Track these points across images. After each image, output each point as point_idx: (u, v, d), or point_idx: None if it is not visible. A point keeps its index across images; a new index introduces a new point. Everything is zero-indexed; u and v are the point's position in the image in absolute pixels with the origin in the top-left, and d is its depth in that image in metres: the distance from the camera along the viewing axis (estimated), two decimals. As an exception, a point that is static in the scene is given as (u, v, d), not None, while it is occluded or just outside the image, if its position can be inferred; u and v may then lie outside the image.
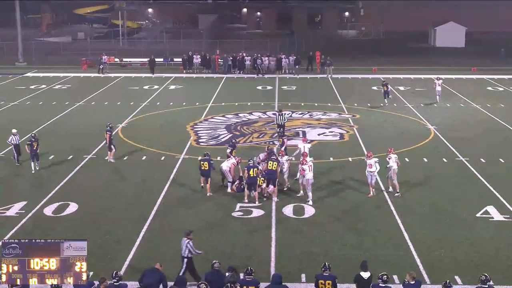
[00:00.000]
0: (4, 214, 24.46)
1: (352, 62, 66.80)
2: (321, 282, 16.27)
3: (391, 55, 75.61)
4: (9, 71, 64.05)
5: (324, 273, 16.35)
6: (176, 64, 66.37)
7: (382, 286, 15.93)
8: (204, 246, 21.30)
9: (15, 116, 42.35)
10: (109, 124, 32.26)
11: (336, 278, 16.34)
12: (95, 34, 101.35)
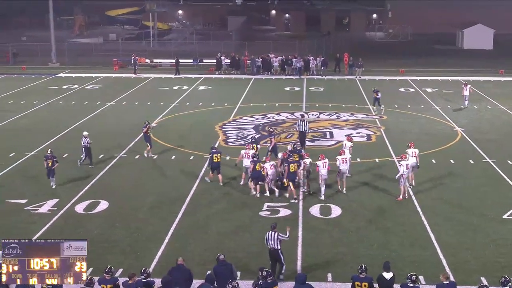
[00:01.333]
0: (36, 211, 24.71)
1: (380, 64, 66.42)
2: (357, 284, 16.19)
3: (419, 57, 75.10)
4: (42, 71, 64.71)
5: (361, 274, 16.25)
6: (206, 65, 66.55)
7: (411, 286, 15.81)
8: (232, 245, 21.38)
9: (48, 115, 42.79)
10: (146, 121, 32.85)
11: (372, 280, 16.25)
12: (126, 35, 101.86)
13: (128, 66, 65.11)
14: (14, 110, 44.31)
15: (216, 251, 20.45)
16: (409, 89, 53.28)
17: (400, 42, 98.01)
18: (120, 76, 61.42)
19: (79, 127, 38.86)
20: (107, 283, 15.98)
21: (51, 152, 27.69)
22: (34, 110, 44.73)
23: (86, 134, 30.66)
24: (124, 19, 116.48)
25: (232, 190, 27.08)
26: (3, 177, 29.06)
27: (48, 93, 51.65)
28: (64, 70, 65.97)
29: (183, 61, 68.09)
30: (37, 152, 33.02)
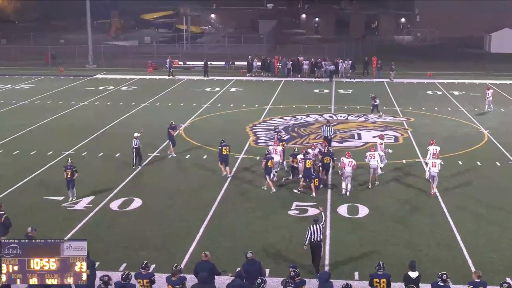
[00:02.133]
0: (73, 207, 24.95)
1: (408, 67, 65.94)
2: (375, 281, 16.11)
3: (446, 60, 74.45)
4: (79, 73, 65.35)
5: (378, 271, 16.19)
6: (237, 67, 66.68)
7: (441, 285, 15.68)
8: (261, 243, 21.38)
9: (85, 115, 43.17)
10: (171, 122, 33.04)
11: (390, 277, 16.17)
12: (160, 38, 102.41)
13: (163, 68, 65.47)
14: (52, 110, 44.81)
15: (245, 248, 20.47)
16: (436, 92, 52.86)
17: (428, 45, 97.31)
18: (154, 78, 61.76)
19: (114, 127, 39.21)
20: (143, 278, 16.06)
21: (71, 162, 25.96)
22: (71, 110, 45.18)
23: (136, 136, 30.30)
24: (158, 22, 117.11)
25: (262, 189, 27.07)
26: (41, 175, 29.40)
27: (85, 94, 52.14)
28: (100, 71, 66.54)
29: (215, 63, 68.46)
30: (73, 151, 33.36)
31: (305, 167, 26.36)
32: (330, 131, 32.82)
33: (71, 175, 25.49)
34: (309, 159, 26.61)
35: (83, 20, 76.53)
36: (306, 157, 26.76)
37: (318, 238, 19.09)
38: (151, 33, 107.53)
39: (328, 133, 32.57)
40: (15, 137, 36.71)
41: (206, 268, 16.68)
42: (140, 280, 16.01)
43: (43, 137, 36.67)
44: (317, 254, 19.29)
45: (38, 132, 38.32)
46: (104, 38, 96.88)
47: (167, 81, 59.14)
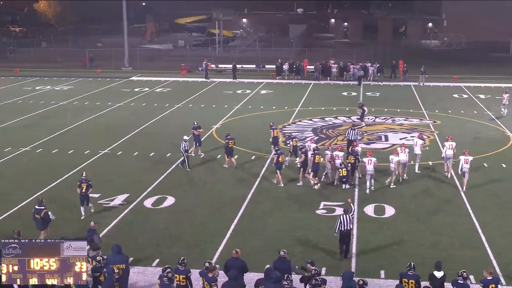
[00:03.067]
0: (108, 205, 25.15)
1: (434, 71, 65.34)
2: (404, 281, 16.00)
3: (472, 64, 73.67)
4: (116, 75, 65.88)
5: (409, 272, 16.07)
6: (267, 70, 66.68)
7: (461, 282, 15.54)
8: (289, 241, 21.35)
9: (121, 116, 43.51)
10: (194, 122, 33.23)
11: (419, 278, 16.03)
12: (193, 42, 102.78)
13: (197, 71, 65.78)
14: (89, 110, 45.24)
15: (274, 246, 20.55)
16: (462, 95, 52.33)
17: (454, 49, 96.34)
18: (187, 80, 62.01)
19: (149, 127, 39.44)
20: (180, 273, 16.12)
21: (86, 175, 24.26)
22: (107, 111, 45.55)
23: (186, 139, 30.06)
24: (192, 26, 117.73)
25: (291, 189, 27.05)
26: (78, 173, 29.62)
27: (121, 95, 52.55)
28: (136, 74, 67.00)
29: (246, 66, 68.53)
30: (109, 150, 33.63)
31: (314, 162, 27.15)
32: (356, 134, 32.41)
33: (86, 189, 23.52)
34: (319, 154, 27.44)
35: (119, 24, 77.05)
36: (316, 152, 27.55)
37: (348, 227, 19.88)
38: (184, 37, 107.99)
39: (353, 136, 32.05)
40: (54, 136, 37.11)
41: (237, 265, 16.70)
42: (176, 276, 16.07)
43: (81, 137, 37.01)
44: (347, 242, 20.04)
45: (76, 131, 38.70)
46: (139, 41, 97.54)
47: (200, 83, 59.35)
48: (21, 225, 21.84)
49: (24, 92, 54.13)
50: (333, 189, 26.91)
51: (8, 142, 35.30)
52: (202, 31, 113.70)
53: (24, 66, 72.07)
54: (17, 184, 27.82)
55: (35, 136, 36.68)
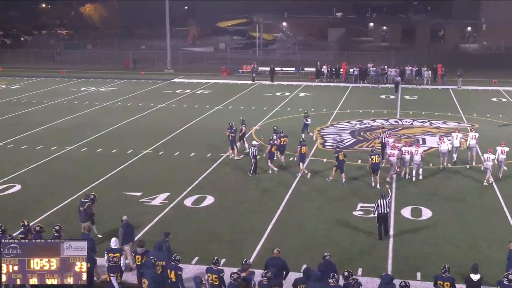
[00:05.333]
0: (150, 203, 25.36)
1: (473, 75, 64.46)
2: (439, 283, 15.82)
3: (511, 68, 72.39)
4: (158, 76, 66.44)
5: (444, 274, 15.88)
6: (306, 73, 66.55)
7: (506, 284, 15.27)
8: (325, 241, 21.29)
9: (163, 117, 43.84)
10: (230, 123, 32.64)
11: (454, 280, 15.82)
12: (234, 45, 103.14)
13: (237, 73, 66.12)
14: (132, 111, 45.68)
15: (311, 246, 20.54)
16: (501, 99, 51.50)
17: (493, 53, 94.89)
18: (228, 82, 62.22)
19: (190, 128, 39.67)
20: (213, 273, 16.19)
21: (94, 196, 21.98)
22: (150, 111, 45.94)
23: (255, 144, 29.58)
24: (233, 30, 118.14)
25: (330, 190, 26.94)
26: (121, 171, 29.99)
27: (163, 96, 52.95)
28: (178, 76, 67.44)
29: (286, 69, 68.50)
30: (151, 150, 33.90)
31: (300, 153, 28.53)
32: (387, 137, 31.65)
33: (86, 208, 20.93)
34: (305, 145, 28.85)
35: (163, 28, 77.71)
36: (302, 144, 28.73)
37: (385, 210, 21.21)
38: (225, 40, 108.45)
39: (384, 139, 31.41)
40: (98, 136, 37.56)
41: (277, 264, 16.71)
42: (210, 275, 16.15)
43: (124, 137, 37.39)
44: (385, 224, 21.49)
45: (119, 131, 39.11)
46: (182, 44, 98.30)
47: (240, 85, 59.48)
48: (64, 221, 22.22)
49: (70, 93, 54.91)
50: (369, 189, 26.70)
51: (55, 141, 35.84)
52: (242, 34, 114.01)
53: (70, 68, 73.12)
54: (63, 182, 28.22)
55: (80, 136, 37.17)
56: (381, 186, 26.49)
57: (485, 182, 27.59)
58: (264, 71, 66.66)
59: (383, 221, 21.41)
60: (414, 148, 28.49)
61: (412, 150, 28.23)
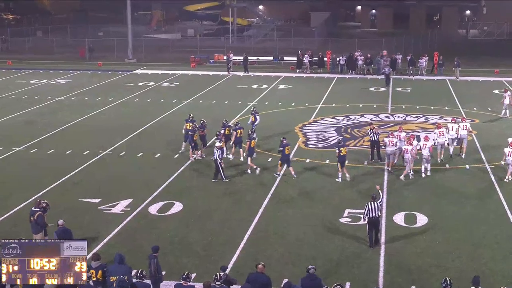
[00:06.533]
0: (110, 211, 25.25)
1: (473, 64, 65.09)
2: None
3: (515, 57, 73.22)
4: (118, 67, 66.21)
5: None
6: (286, 63, 66.69)
7: None
8: (311, 251, 21.36)
9: (123, 113, 43.69)
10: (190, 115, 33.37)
11: None
12: (204, 31, 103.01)
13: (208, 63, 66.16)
14: (89, 106, 45.47)
15: (293, 258, 20.58)
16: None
17: (495, 40, 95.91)
18: (198, 74, 62.20)
19: (155, 126, 39.57)
20: None
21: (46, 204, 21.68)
22: (109, 107, 45.76)
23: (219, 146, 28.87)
24: (203, 14, 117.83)
25: (314, 195, 27.06)
26: (76, 176, 29.82)
27: (124, 90, 52.80)
28: (140, 66, 67.29)
29: (263, 58, 68.64)
30: (111, 150, 33.77)
31: (249, 147, 29.82)
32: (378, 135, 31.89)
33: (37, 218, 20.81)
34: (254, 139, 30.19)
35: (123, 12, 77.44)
36: (251, 137, 30.13)
37: (376, 214, 21.51)
38: (194, 26, 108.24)
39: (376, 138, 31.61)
40: (50, 135, 37.33)
41: (260, 281, 16.65)
42: None
43: (79, 136, 37.17)
44: (376, 229, 21.74)
45: (74, 130, 38.89)
46: (144, 30, 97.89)
47: (211, 77, 59.46)
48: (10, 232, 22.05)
49: (18, 86, 54.52)
50: (358, 193, 26.85)
51: (0, 141, 35.53)
52: (214, 19, 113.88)
53: (18, 58, 72.66)
54: (10, 188, 27.99)
55: (30, 135, 36.90)
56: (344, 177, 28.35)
57: (506, 179, 28.41)
58: (238, 61, 66.74)
59: (374, 226, 21.63)
60: (423, 141, 29.55)
61: (420, 144, 29.38)
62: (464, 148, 32.36)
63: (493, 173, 29.55)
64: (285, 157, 29.10)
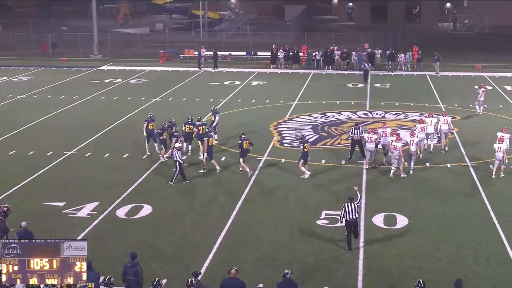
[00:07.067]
0: (75, 214, 25.12)
1: (454, 58, 65.61)
2: None
3: (498, 51, 73.78)
4: (83, 63, 65.86)
5: None
6: (260, 58, 66.72)
7: None
8: (286, 255, 21.40)
9: (89, 111, 43.47)
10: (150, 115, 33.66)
11: None
12: (174, 25, 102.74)
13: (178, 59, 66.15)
14: (53, 105, 45.16)
15: (269, 262, 20.59)
16: (486, 87, 52.39)
17: (477, 34, 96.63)
18: (167, 70, 62.06)
19: (122, 125, 39.41)
20: None
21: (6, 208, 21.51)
22: (74, 105, 45.50)
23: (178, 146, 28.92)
24: (172, 7, 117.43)
25: (289, 195, 27.12)
26: (40, 177, 29.63)
27: (89, 87, 52.50)
28: (107, 62, 66.96)
29: (235, 53, 68.62)
30: (76, 151, 33.59)
31: (207, 145, 29.86)
32: (361, 133, 31.67)
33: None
34: (211, 136, 30.49)
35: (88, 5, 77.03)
36: (208, 135, 30.29)
37: (354, 216, 21.47)
38: (163, 20, 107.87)
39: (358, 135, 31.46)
40: (11, 135, 37.06)
41: (234, 287, 16.67)
42: None
43: (42, 136, 36.94)
44: (354, 232, 21.74)
45: (37, 130, 38.64)
46: (111, 25, 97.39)
47: (181, 73, 59.38)
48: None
49: (-24, 84, 54.08)
50: (335, 194, 26.94)
51: (-42, 142, 35.27)
52: (183, 12, 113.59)
53: (-24, 54, 72.01)
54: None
55: (-11, 135, 36.65)
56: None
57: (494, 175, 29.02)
58: (210, 56, 66.65)
59: (351, 228, 21.63)
60: (409, 137, 30.09)
61: (408, 140, 29.97)
62: (446, 142, 33.20)
63: (475, 172, 29.80)
64: (245, 152, 29.61)
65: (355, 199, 21.82)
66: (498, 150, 28.70)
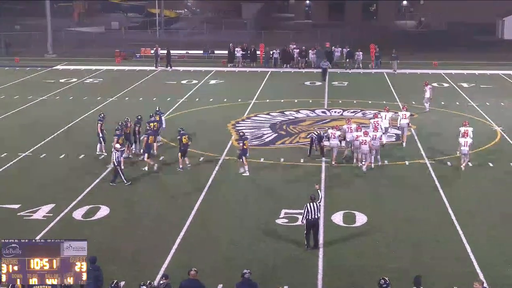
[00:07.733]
0: (31, 217, 24.84)
1: (411, 56, 66.23)
2: None
3: (454, 49, 74.69)
4: (37, 63, 65.13)
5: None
6: (217, 57, 66.66)
7: None
8: (246, 255, 21.40)
9: (44, 112, 43.03)
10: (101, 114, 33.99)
11: None
12: (130, 23, 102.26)
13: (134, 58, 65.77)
14: (6, 106, 44.59)
15: (228, 262, 20.57)
16: (443, 84, 53.06)
17: (433, 31, 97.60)
18: (123, 69, 61.71)
19: (78, 125, 39.07)
20: None
21: None
22: (28, 106, 45.01)
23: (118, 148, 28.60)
24: (127, 6, 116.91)
25: (248, 195, 27.13)
26: (-6, 180, 29.32)
27: (44, 87, 51.95)
28: (62, 62, 66.34)
29: (192, 52, 68.47)
30: (31, 152, 33.22)
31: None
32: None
33: None
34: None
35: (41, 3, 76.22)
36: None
37: (316, 216, 21.56)
38: (119, 18, 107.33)
39: None
40: (-36, 136, 36.56)
41: None
42: None
43: (-4, 137, 36.52)
44: (315, 232, 21.76)
45: (-10, 131, 38.18)
46: (65, 23, 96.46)
47: (138, 72, 59.09)
48: None
49: None
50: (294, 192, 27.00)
51: None
52: (139, 11, 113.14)
53: None
54: None
55: None
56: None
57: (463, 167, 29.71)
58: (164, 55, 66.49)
59: (312, 228, 21.65)
60: (373, 132, 30.85)
61: (371, 135, 30.31)
62: (405, 137, 34.20)
63: (433, 169, 30.09)
64: (184, 147, 29.99)
65: (317, 199, 21.87)
66: (464, 144, 29.15)
